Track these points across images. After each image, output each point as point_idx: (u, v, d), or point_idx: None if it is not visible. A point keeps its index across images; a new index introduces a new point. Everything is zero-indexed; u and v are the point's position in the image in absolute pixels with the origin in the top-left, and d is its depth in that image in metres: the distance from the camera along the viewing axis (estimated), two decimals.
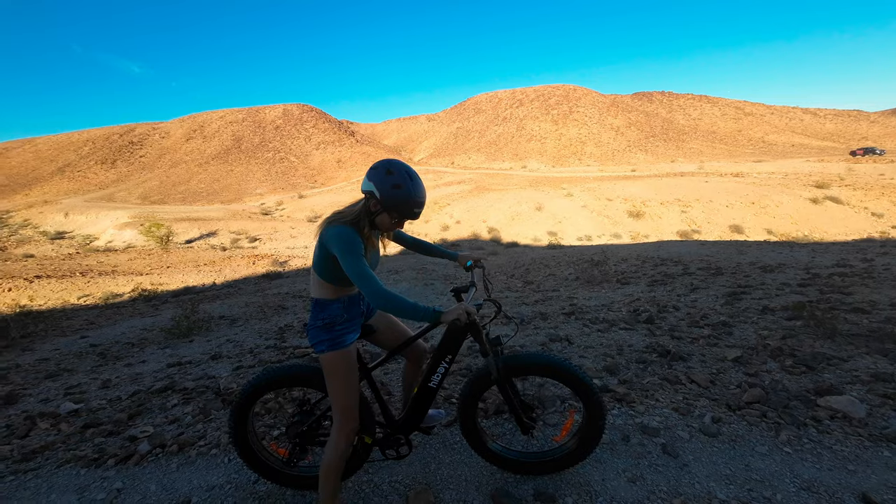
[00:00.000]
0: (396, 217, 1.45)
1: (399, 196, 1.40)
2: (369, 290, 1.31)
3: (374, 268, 1.57)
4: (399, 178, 1.40)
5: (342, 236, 1.36)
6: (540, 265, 13.16)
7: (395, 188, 1.40)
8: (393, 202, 1.41)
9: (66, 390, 3.67)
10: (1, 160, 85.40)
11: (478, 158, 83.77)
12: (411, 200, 1.42)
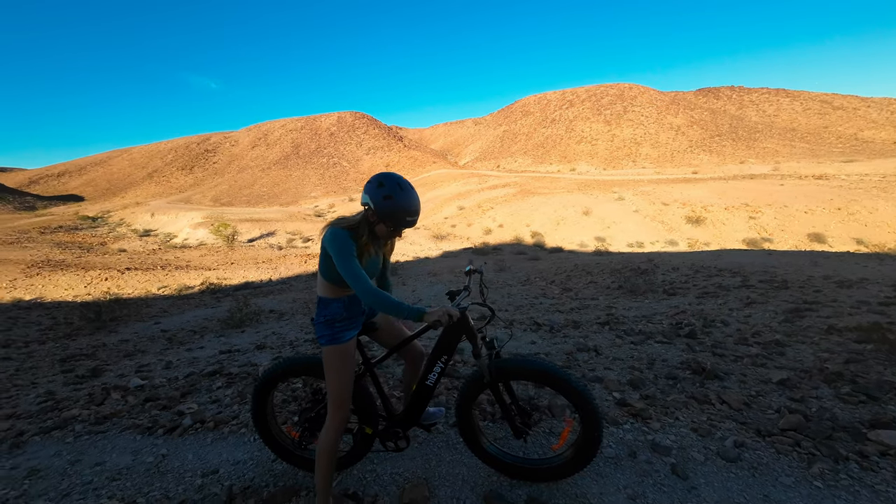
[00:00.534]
0: (391, 226, 1.54)
1: (390, 206, 1.49)
2: (359, 288, 1.43)
3: (375, 274, 1.68)
4: (389, 189, 1.50)
5: (336, 238, 1.48)
6: (582, 272, 12.69)
7: (386, 199, 1.49)
8: (385, 212, 1.50)
9: (137, 368, 4.23)
10: (104, 168, 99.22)
11: (524, 161, 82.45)
12: (402, 210, 1.50)
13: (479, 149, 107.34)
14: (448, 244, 27.78)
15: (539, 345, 4.45)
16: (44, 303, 11.24)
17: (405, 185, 1.52)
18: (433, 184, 58.75)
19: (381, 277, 1.84)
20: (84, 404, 3.02)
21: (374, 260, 1.65)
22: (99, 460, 2.19)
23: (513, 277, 13.44)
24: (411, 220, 1.54)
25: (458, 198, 44.86)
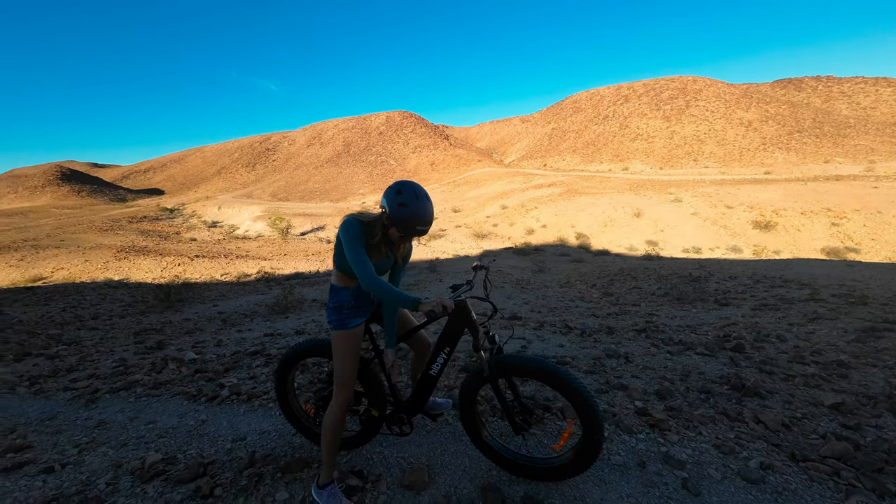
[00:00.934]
0: (402, 232, 1.60)
1: (403, 214, 1.55)
2: (362, 275, 1.52)
3: (383, 272, 1.76)
4: (406, 197, 1.55)
5: (348, 226, 1.58)
6: (627, 276, 12.06)
7: (401, 206, 1.55)
8: (398, 218, 1.57)
9: (193, 344, 4.73)
10: (181, 165, 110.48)
11: (573, 160, 79.54)
12: (414, 219, 1.55)
13: (525, 147, 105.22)
14: (489, 243, 27.62)
15: (567, 348, 4.34)
16: (128, 283, 12.84)
17: (421, 196, 1.57)
18: (476, 182, 58.58)
19: (394, 280, 1.90)
20: (146, 371, 3.46)
21: (386, 261, 1.74)
22: (151, 419, 2.52)
23: (552, 279, 13.09)
24: (422, 230, 1.58)
25: (502, 197, 44.35)
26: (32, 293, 9.95)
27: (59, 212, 53.65)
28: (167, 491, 1.77)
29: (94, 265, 16.72)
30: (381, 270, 1.76)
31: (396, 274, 1.87)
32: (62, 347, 4.86)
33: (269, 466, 1.93)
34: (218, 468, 1.93)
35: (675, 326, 5.46)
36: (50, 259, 17.59)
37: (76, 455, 2.13)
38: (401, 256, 1.82)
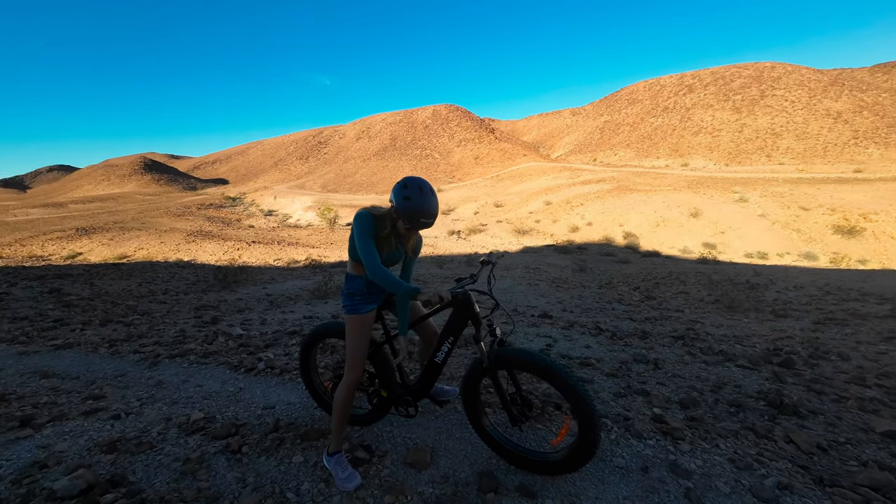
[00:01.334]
0: (407, 224, 1.70)
1: (408, 207, 1.65)
2: (369, 263, 1.64)
3: (393, 263, 1.87)
4: (411, 192, 1.65)
5: (360, 219, 1.71)
6: (675, 280, 11.35)
7: (406, 200, 1.65)
8: (403, 211, 1.66)
9: (242, 321, 5.22)
10: (243, 157, 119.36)
11: (625, 155, 75.24)
12: (418, 211, 1.64)
13: (574, 141, 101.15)
14: (530, 240, 27.10)
15: (593, 349, 4.24)
16: (194, 263, 14.26)
17: (426, 190, 1.66)
18: (521, 177, 57.40)
19: (405, 271, 2.00)
20: (200, 342, 3.90)
21: (396, 253, 1.85)
22: (199, 383, 2.87)
23: (592, 279, 12.64)
24: (426, 222, 1.67)
25: (546, 192, 43.12)
26: (118, 269, 11.41)
27: (142, 198, 60.41)
28: (204, 444, 2.04)
29: (167, 246, 18.73)
30: (392, 261, 1.87)
31: (408, 266, 1.97)
32: (136, 317, 5.59)
33: (291, 433, 2.14)
34: (247, 430, 2.18)
35: (718, 336, 5.11)
36: (133, 240, 19.96)
37: (138, 407, 2.50)
38: (410, 249, 1.92)
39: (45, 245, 18.48)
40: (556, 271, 13.44)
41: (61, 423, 2.24)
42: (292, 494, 1.68)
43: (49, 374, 3.14)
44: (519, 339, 4.54)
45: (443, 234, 28.99)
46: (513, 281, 9.91)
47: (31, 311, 5.96)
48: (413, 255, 1.94)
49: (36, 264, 13.26)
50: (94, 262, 14.58)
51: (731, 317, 6.56)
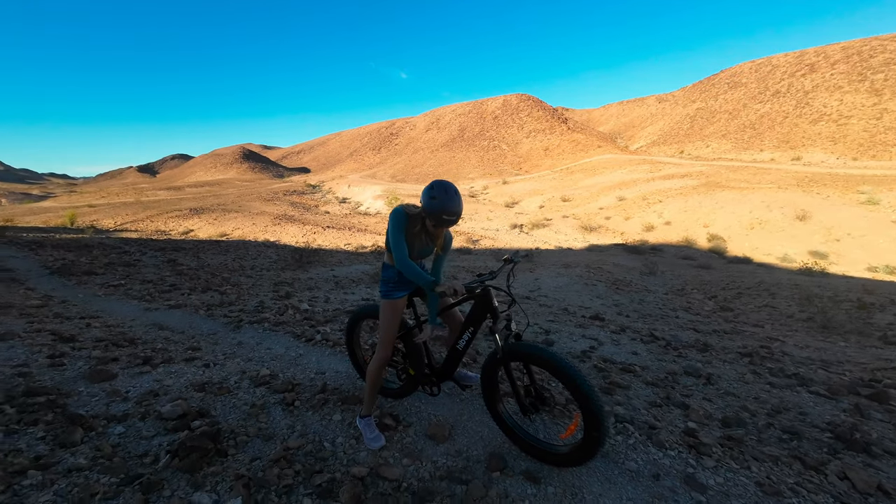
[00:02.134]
0: (434, 222, 1.86)
1: (434, 206, 1.82)
2: (397, 255, 1.86)
3: (423, 257, 2.08)
4: (436, 192, 1.82)
5: (395, 215, 1.92)
6: (762, 292, 10.06)
7: (432, 199, 1.82)
8: (429, 210, 1.83)
9: (309, 298, 5.90)
10: (324, 147, 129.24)
11: (720, 147, 66.71)
12: (443, 210, 1.80)
13: (658, 131, 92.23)
14: (597, 237, 25.68)
15: (640, 357, 4.08)
16: (277, 244, 16.09)
17: (450, 192, 1.82)
18: (593, 170, 54.11)
19: (436, 266, 2.14)
20: (274, 313, 4.54)
21: (426, 249, 2.04)
22: (269, 346, 3.40)
23: (662, 283, 11.71)
24: (448, 219, 1.82)
25: (620, 187, 40.18)
26: (218, 245, 13.36)
27: (241, 183, 68.77)
28: (267, 395, 2.47)
29: (258, 227, 21.29)
30: (423, 255, 2.08)
31: (438, 261, 2.16)
32: (228, 287, 6.61)
33: (334, 396, 2.49)
34: (301, 389, 2.58)
35: (799, 358, 4.54)
36: (231, 220, 23.02)
37: (222, 360, 3.07)
38: (440, 246, 2.09)
39: (167, 222, 22.15)
40: (620, 272, 12.67)
41: (169, 365, 2.87)
42: (328, 444, 2.00)
43: (164, 327, 3.96)
44: (563, 340, 4.51)
45: (504, 228, 28.70)
46: (569, 279, 9.61)
47: (154, 276, 7.38)
48: (442, 252, 2.11)
49: (160, 238, 16.07)
50: (201, 238, 17.21)
51: (825, 339, 5.70)
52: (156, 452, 1.76)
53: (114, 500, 1.44)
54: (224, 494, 1.54)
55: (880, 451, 2.32)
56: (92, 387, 2.40)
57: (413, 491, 1.70)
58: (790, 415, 2.84)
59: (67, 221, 21.32)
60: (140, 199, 41.00)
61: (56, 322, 3.90)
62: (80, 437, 1.81)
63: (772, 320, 6.90)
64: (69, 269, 7.58)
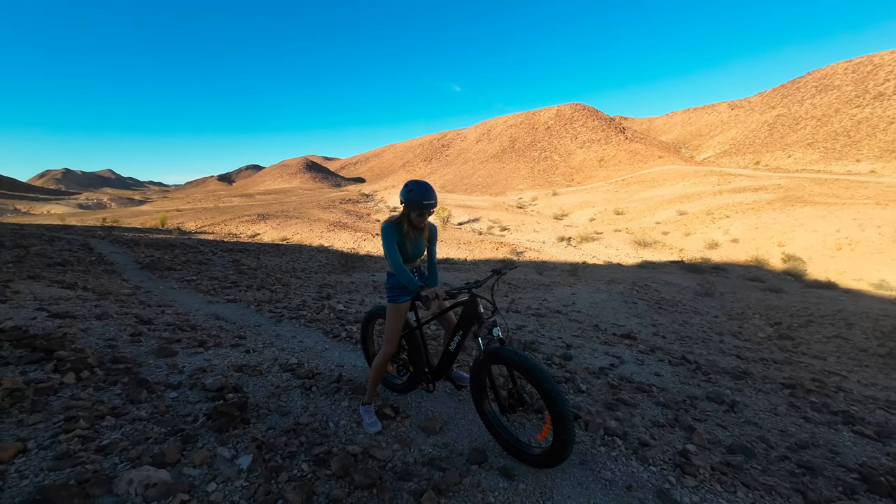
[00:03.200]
0: (416, 212, 2.15)
1: (411, 197, 2.13)
2: (392, 261, 2.13)
3: (418, 255, 2.33)
4: (411, 186, 2.15)
5: (383, 229, 2.21)
6: (838, 322, 8.98)
7: (408, 192, 2.15)
8: (409, 201, 2.15)
9: (346, 300, 6.39)
10: (378, 159, 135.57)
11: (805, 157, 59.68)
12: (420, 198, 2.11)
13: (729, 140, 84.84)
14: (651, 253, 24.21)
15: (662, 378, 3.95)
16: (328, 249, 17.29)
17: (423, 185, 2.14)
18: (651, 182, 51.06)
19: (430, 258, 2.44)
20: (311, 311, 5.05)
21: (417, 243, 2.31)
22: (302, 340, 3.84)
23: (719, 306, 10.83)
24: (427, 205, 2.12)
25: (681, 200, 37.54)
26: (277, 248, 14.71)
27: (302, 192, 74.27)
28: (291, 380, 2.85)
29: (314, 233, 22.96)
30: (417, 253, 2.35)
31: (431, 254, 2.43)
32: (279, 286, 7.36)
33: (347, 386, 2.80)
34: (320, 377, 2.93)
35: (858, 395, 4.10)
36: (292, 226, 25.05)
37: (261, 348, 3.54)
38: (426, 238, 2.36)
39: (238, 226, 24.67)
40: (669, 291, 11.91)
41: (218, 349, 3.38)
42: (332, 425, 2.29)
43: (220, 317, 4.60)
44: (583, 355, 4.48)
45: (551, 240, 28.08)
46: (608, 295, 9.28)
47: (220, 274, 8.41)
48: (430, 242, 2.39)
49: (230, 240, 18.01)
50: (264, 242, 19.00)
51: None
52: (196, 414, 2.18)
53: (160, 444, 1.84)
54: (241, 451, 1.88)
55: None
56: (158, 360, 2.94)
57: (396, 471, 1.92)
58: (816, 451, 2.65)
59: (159, 223, 24.64)
60: (218, 205, 46.07)
61: (139, 308, 4.70)
62: (145, 396, 2.28)
63: (839, 353, 6.15)
64: (155, 264, 8.90)
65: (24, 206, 65.86)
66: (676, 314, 8.20)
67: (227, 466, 1.76)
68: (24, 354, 2.55)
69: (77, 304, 4.45)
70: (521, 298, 8.80)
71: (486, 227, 32.89)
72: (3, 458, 1.54)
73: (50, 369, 2.40)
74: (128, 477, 1.51)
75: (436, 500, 1.73)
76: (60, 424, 1.86)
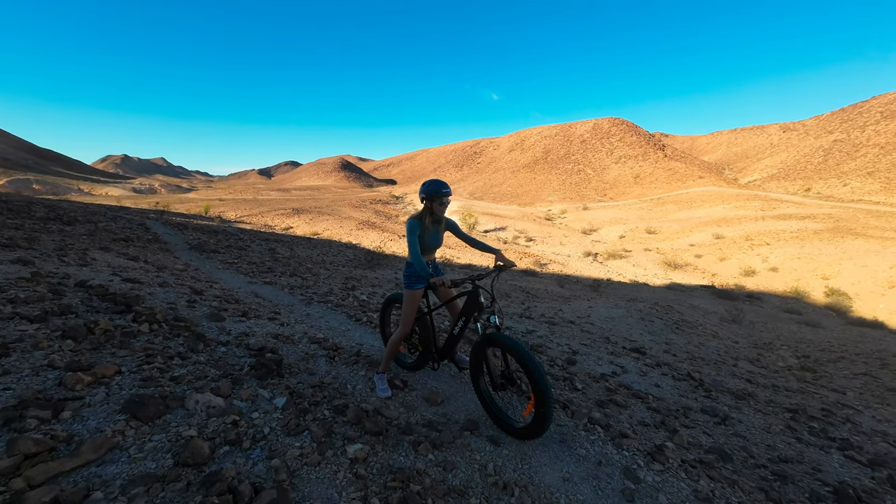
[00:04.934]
0: (436, 202, 2.51)
1: (428, 189, 2.51)
2: (411, 251, 2.50)
3: (435, 246, 2.69)
4: (428, 182, 2.53)
5: (409, 222, 2.58)
6: (873, 361, 8.55)
7: (427, 187, 2.52)
8: (427, 193, 2.52)
9: (370, 292, 6.86)
10: (410, 162, 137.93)
11: (863, 186, 55.69)
12: (437, 190, 2.50)
13: (779, 163, 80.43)
14: (681, 276, 23.48)
15: (662, 389, 4.12)
16: (356, 246, 18.04)
17: (438, 181, 2.54)
18: (689, 202, 49.26)
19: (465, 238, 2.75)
20: (338, 298, 5.53)
21: (435, 235, 2.66)
22: (328, 320, 4.30)
23: (743, 334, 10.52)
24: (444, 194, 2.50)
25: (719, 224, 36.08)
26: (309, 241, 15.55)
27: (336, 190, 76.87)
28: (318, 350, 3.28)
29: (344, 230, 23.91)
30: (434, 247, 2.70)
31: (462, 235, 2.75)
32: (309, 275, 7.96)
33: (364, 360, 3.20)
34: (342, 351, 3.34)
35: (864, 429, 4.09)
36: (324, 222, 26.18)
37: (293, 323, 4.02)
38: (443, 230, 2.72)
39: (274, 218, 26.08)
40: (692, 315, 11.66)
41: (258, 320, 3.89)
42: (350, 387, 2.69)
43: (259, 295, 5.16)
44: (587, 362, 4.68)
45: (577, 255, 27.79)
46: (625, 312, 9.28)
47: (258, 259, 9.14)
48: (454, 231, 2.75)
49: (266, 230, 19.16)
50: (297, 234, 20.06)
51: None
52: (242, 365, 2.64)
53: (216, 382, 2.29)
54: (276, 394, 2.31)
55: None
56: (210, 323, 3.46)
57: (400, 426, 2.28)
58: (797, 466, 2.78)
59: (203, 211, 26.46)
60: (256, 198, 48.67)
61: (192, 281, 5.34)
62: (202, 348, 2.77)
63: (863, 390, 5.96)
64: (202, 246, 9.78)
65: (87, 187, 72.24)
66: (693, 336, 8.13)
67: (266, 403, 2.19)
68: (109, 306, 3.13)
69: (141, 273, 5.14)
70: (537, 307, 8.98)
71: (512, 237, 32.89)
72: (107, 374, 2.03)
73: (130, 319, 2.95)
74: (195, 398, 1.96)
75: (430, 450, 2.08)
76: (142, 358, 2.36)
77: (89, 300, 3.23)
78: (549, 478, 2.02)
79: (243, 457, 1.72)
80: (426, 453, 2.05)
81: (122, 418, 1.75)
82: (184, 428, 1.79)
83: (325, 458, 1.84)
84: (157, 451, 1.63)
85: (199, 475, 1.54)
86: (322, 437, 1.97)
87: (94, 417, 1.75)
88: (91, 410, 1.80)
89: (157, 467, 1.54)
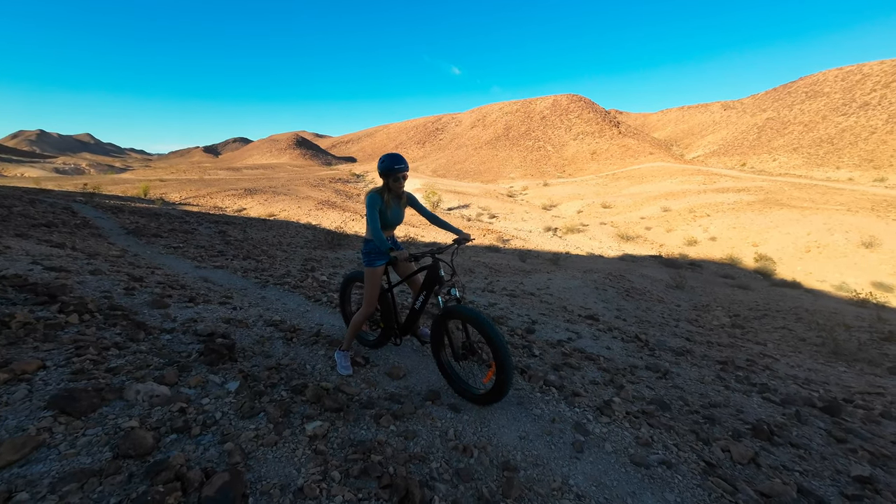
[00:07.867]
0: (392, 178, 2.47)
1: (384, 165, 2.47)
2: (371, 226, 2.44)
3: (396, 222, 2.64)
4: (384, 158, 2.47)
5: (368, 196, 2.51)
6: (789, 316, 9.67)
7: (382, 163, 2.48)
8: (383, 170, 2.48)
9: (330, 273, 6.69)
10: (370, 139, 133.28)
11: (789, 161, 61.27)
12: (391, 165, 2.45)
13: (719, 140, 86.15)
14: (633, 247, 24.95)
15: (612, 351, 4.41)
16: (315, 227, 17.40)
17: (394, 155, 2.46)
18: (640, 178, 51.89)
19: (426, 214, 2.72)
20: (296, 279, 5.34)
21: (395, 211, 2.62)
22: (285, 302, 4.16)
23: (685, 298, 11.47)
24: (399, 168, 2.44)
25: (666, 197, 38.40)
26: (264, 223, 14.78)
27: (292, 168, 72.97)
28: (274, 333, 3.17)
29: (302, 210, 22.88)
30: (396, 221, 2.65)
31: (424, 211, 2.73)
32: (264, 258, 7.60)
33: (324, 340, 3.14)
34: (301, 332, 3.26)
35: (781, 373, 4.64)
36: (280, 202, 24.88)
37: (247, 307, 3.84)
38: (403, 205, 2.69)
39: (224, 199, 24.40)
40: (642, 283, 12.52)
41: (207, 305, 3.67)
42: (309, 367, 2.64)
43: (208, 280, 4.86)
44: (545, 330, 4.91)
45: (538, 230, 28.59)
46: (581, 283, 9.78)
47: (206, 243, 8.57)
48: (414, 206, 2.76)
49: (216, 213, 17.92)
50: (251, 216, 18.96)
51: (826, 363, 5.61)
52: (190, 352, 2.49)
53: (160, 370, 2.15)
54: (229, 379, 2.22)
55: (783, 442, 2.60)
56: (152, 310, 3.22)
57: (361, 402, 2.29)
58: (724, 410, 3.12)
59: (141, 192, 24.19)
60: (203, 178, 45.11)
61: (129, 268, 4.92)
62: (143, 336, 2.58)
63: (780, 341, 6.77)
64: (141, 231, 8.99)
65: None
66: (642, 302, 8.75)
67: (217, 389, 2.10)
68: (28, 297, 2.81)
69: (69, 261, 4.65)
70: (499, 281, 9.22)
71: (476, 214, 33.13)
72: (27, 370, 1.84)
73: (55, 310, 2.67)
74: (135, 388, 1.83)
75: (392, 422, 2.11)
76: (72, 351, 2.16)
77: (3, 292, 2.88)
78: (506, 438, 2.12)
79: (193, 443, 1.65)
80: (388, 425, 2.08)
81: (48, 414, 1.61)
82: (123, 420, 1.67)
83: (282, 437, 1.81)
84: (93, 445, 1.52)
85: (143, 466, 1.46)
86: (279, 418, 1.93)
87: (13, 416, 1.59)
88: (10, 409, 1.63)
89: (92, 462, 1.44)
